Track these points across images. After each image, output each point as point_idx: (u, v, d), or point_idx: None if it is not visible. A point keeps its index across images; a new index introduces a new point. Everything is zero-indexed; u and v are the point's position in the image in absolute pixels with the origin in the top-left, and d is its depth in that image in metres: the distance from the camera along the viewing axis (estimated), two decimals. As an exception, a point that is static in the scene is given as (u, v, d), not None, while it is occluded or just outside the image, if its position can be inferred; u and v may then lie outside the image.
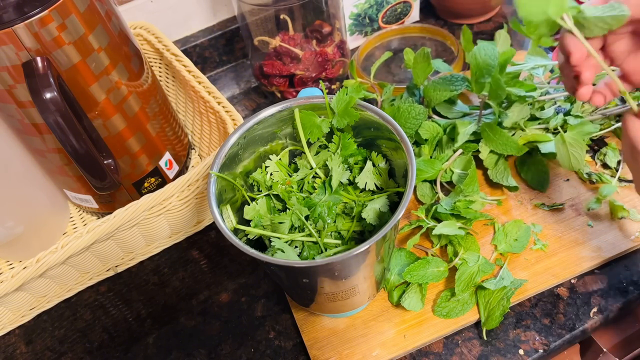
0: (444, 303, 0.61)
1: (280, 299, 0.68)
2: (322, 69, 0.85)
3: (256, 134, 0.57)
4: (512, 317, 0.61)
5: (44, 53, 0.54)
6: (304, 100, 0.57)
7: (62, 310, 0.72)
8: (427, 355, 0.60)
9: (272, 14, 0.82)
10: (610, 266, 0.64)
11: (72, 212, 0.80)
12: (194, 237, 0.76)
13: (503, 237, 0.65)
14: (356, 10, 0.93)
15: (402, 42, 0.97)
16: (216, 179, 0.52)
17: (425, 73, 0.73)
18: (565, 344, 0.60)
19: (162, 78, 0.87)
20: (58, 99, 0.53)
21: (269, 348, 0.64)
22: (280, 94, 0.89)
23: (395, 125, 0.53)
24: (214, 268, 0.73)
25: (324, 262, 0.45)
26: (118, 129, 0.65)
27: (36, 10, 0.52)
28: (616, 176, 0.69)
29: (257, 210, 0.56)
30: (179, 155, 0.77)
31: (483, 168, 0.71)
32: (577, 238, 0.65)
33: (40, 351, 0.68)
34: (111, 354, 0.67)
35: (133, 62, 0.65)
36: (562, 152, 0.66)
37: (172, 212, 0.67)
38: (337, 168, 0.57)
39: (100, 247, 0.65)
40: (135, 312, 0.70)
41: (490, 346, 0.60)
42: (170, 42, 0.79)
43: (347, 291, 0.53)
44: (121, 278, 0.73)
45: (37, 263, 0.59)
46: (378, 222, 0.55)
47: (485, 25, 0.98)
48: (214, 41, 0.98)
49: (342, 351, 0.60)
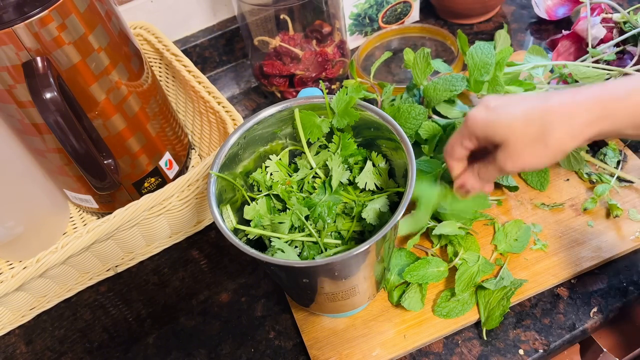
0: (444, 303, 0.61)
1: (280, 299, 0.68)
2: (322, 69, 0.85)
3: (256, 134, 0.57)
4: (512, 317, 0.61)
5: (44, 53, 0.54)
6: (304, 100, 0.57)
7: (62, 310, 0.72)
8: (427, 355, 0.60)
9: (272, 14, 0.82)
10: (610, 266, 0.64)
11: (72, 212, 0.80)
12: (194, 237, 0.76)
13: (503, 237, 0.65)
14: (356, 10, 0.93)
15: (402, 42, 0.97)
16: (216, 179, 0.52)
17: (425, 73, 0.73)
18: (565, 344, 0.60)
19: (162, 78, 0.87)
20: (58, 99, 0.53)
21: (269, 348, 0.64)
22: (280, 94, 0.89)
23: (395, 125, 0.53)
24: (214, 268, 0.73)
25: (324, 262, 0.45)
26: (118, 129, 0.65)
27: (36, 10, 0.52)
28: (615, 176, 0.69)
29: (257, 210, 0.56)
30: (179, 155, 0.77)
31: (483, 168, 0.71)
32: (577, 238, 0.65)
33: (40, 351, 0.68)
34: (111, 354, 0.67)
35: (133, 62, 0.65)
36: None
37: (172, 212, 0.67)
38: (337, 168, 0.57)
39: (100, 247, 0.65)
40: (135, 312, 0.70)
41: (490, 346, 0.60)
42: (170, 42, 0.79)
43: (347, 291, 0.53)
44: (121, 278, 0.73)
45: (37, 263, 0.59)
46: (378, 222, 0.55)
47: (485, 25, 0.98)
48: (214, 41, 0.98)
49: (342, 351, 0.60)
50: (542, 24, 0.96)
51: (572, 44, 0.83)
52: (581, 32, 0.79)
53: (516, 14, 0.99)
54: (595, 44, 0.78)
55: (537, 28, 0.96)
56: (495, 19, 0.98)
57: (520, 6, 1.00)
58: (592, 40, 0.77)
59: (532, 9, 0.98)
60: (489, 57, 0.66)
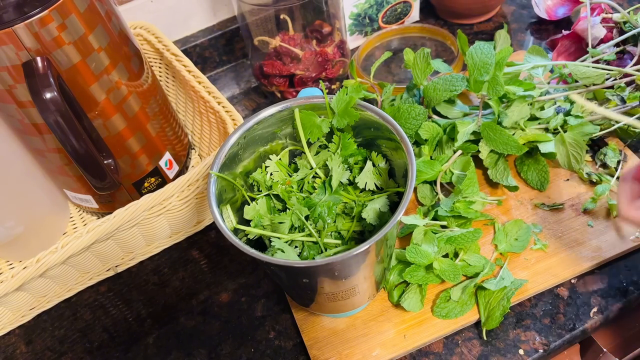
0: (443, 304, 0.61)
1: (280, 299, 0.68)
2: (322, 69, 0.85)
3: (256, 134, 0.57)
4: (512, 317, 0.61)
5: (44, 53, 0.54)
6: (304, 100, 0.57)
7: (62, 310, 0.72)
8: (427, 355, 0.60)
9: (272, 14, 0.82)
10: (610, 266, 0.64)
11: (72, 212, 0.80)
12: (194, 237, 0.76)
13: (503, 237, 0.65)
14: (356, 10, 0.93)
15: (402, 42, 0.97)
16: (216, 179, 0.52)
17: (425, 73, 0.73)
18: (565, 344, 0.60)
19: (162, 78, 0.87)
20: (58, 99, 0.53)
21: (269, 348, 0.64)
22: (280, 94, 0.89)
23: (395, 125, 0.53)
24: (214, 268, 0.73)
25: (324, 262, 0.45)
26: (118, 129, 0.65)
27: (36, 10, 0.52)
28: (615, 176, 0.69)
29: (257, 210, 0.56)
30: (179, 155, 0.77)
31: (483, 168, 0.71)
32: (577, 238, 0.65)
33: (40, 351, 0.68)
34: (111, 354, 0.67)
35: (133, 62, 0.65)
36: (562, 152, 0.66)
37: (172, 212, 0.67)
38: (337, 168, 0.57)
39: (100, 247, 0.65)
40: (135, 312, 0.70)
41: (490, 346, 0.60)
42: (170, 42, 0.79)
43: (347, 291, 0.53)
44: (121, 278, 0.73)
45: (37, 263, 0.59)
46: (378, 222, 0.55)
47: (485, 25, 0.98)
48: (214, 41, 0.98)
49: (342, 351, 0.60)
50: (542, 24, 0.96)
51: (572, 44, 0.83)
52: (581, 32, 0.79)
53: (516, 14, 0.99)
54: (595, 43, 0.78)
55: (537, 28, 0.96)
56: (495, 19, 0.98)
57: (520, 6, 1.00)
58: (592, 40, 0.77)
59: (532, 9, 0.98)
60: (488, 57, 0.66)
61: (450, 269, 0.60)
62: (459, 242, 0.61)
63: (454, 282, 0.60)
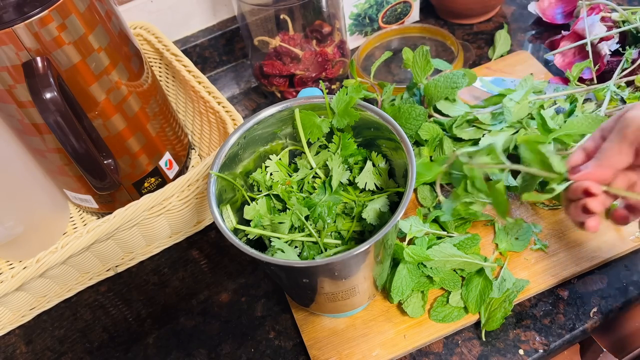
0: (440, 307, 0.61)
1: (280, 299, 0.68)
2: (322, 69, 0.85)
3: (256, 134, 0.57)
4: (512, 317, 0.61)
5: (44, 53, 0.54)
6: (304, 100, 0.57)
7: (62, 310, 0.72)
8: (427, 355, 0.60)
9: (272, 14, 0.82)
10: (610, 266, 0.64)
11: (72, 212, 0.80)
12: (194, 237, 0.76)
13: (504, 236, 0.65)
14: (356, 10, 0.93)
15: (402, 42, 0.97)
16: (216, 179, 0.52)
17: (425, 71, 0.73)
18: (565, 344, 0.60)
19: (162, 78, 0.87)
20: (58, 99, 0.53)
21: (269, 348, 0.64)
22: (280, 94, 0.89)
23: (395, 125, 0.53)
24: (214, 268, 0.73)
25: (324, 262, 0.45)
26: (118, 129, 0.65)
27: (36, 10, 0.52)
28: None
29: (257, 210, 0.56)
30: (179, 155, 0.77)
31: (483, 168, 0.71)
32: (577, 238, 0.65)
33: (40, 351, 0.68)
34: (111, 354, 0.67)
35: (133, 62, 0.65)
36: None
37: (172, 212, 0.67)
38: (337, 168, 0.57)
39: (100, 247, 0.65)
40: (135, 312, 0.70)
41: (490, 346, 0.59)
42: (170, 42, 0.79)
43: (347, 291, 0.53)
44: (121, 278, 0.73)
45: (37, 263, 0.59)
46: (378, 222, 0.55)
47: (485, 25, 0.97)
48: (214, 41, 0.98)
49: (342, 351, 0.60)
50: (542, 24, 0.96)
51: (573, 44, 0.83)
52: (581, 31, 0.79)
53: (516, 14, 0.99)
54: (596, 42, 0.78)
55: (537, 28, 0.95)
56: (495, 19, 0.98)
57: (520, 6, 1.00)
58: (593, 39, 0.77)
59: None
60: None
61: (449, 278, 0.60)
62: (459, 248, 0.61)
63: (455, 290, 0.61)
